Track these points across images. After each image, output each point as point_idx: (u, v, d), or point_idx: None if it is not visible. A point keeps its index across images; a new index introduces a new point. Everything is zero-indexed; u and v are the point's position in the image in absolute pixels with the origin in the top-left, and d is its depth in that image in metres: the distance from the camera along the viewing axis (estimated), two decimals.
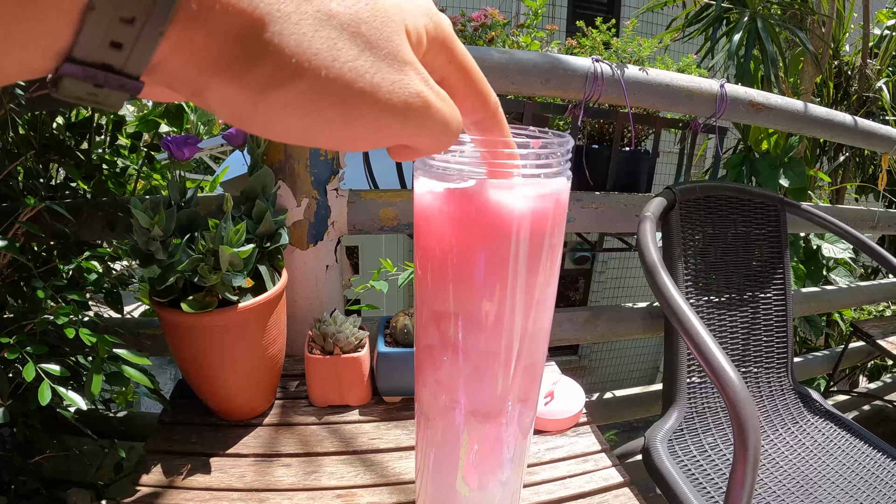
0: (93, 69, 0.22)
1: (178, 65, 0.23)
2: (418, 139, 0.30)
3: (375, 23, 0.26)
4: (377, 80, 0.26)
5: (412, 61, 0.28)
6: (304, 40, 0.24)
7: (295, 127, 0.26)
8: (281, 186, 1.14)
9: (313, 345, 1.04)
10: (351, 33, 0.25)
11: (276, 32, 0.23)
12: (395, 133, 0.28)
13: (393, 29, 0.27)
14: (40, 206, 1.05)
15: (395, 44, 0.27)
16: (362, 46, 0.26)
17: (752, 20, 2.29)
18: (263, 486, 0.89)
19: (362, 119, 0.27)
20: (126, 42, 0.21)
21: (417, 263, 0.56)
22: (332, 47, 0.24)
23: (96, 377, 0.92)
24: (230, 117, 0.26)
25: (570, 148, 0.51)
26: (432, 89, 0.29)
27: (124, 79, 0.22)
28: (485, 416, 0.59)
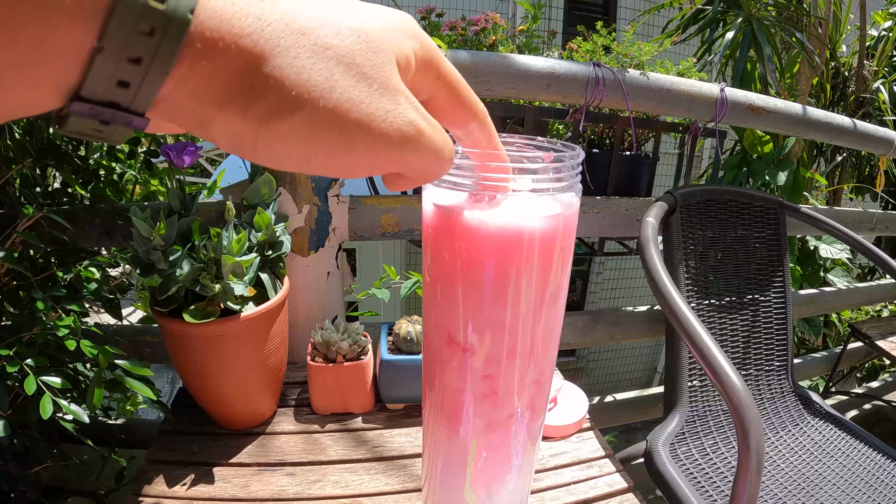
0: (100, 107, 0.22)
1: (183, 99, 0.24)
2: (412, 167, 0.31)
3: (368, 54, 0.27)
4: (372, 109, 0.27)
5: (403, 90, 0.29)
6: (303, 73, 0.25)
7: (295, 156, 0.27)
8: (282, 193, 1.14)
9: (315, 352, 1.03)
10: (346, 65, 0.26)
11: (277, 66, 0.24)
12: (390, 161, 0.29)
13: (384, 59, 0.28)
14: (38, 214, 1.04)
15: (387, 73, 0.28)
16: (357, 77, 0.27)
17: (747, 22, 2.30)
18: (267, 495, 0.88)
19: (359, 147, 0.27)
20: (133, 81, 0.22)
21: (426, 271, 0.56)
22: (329, 78, 0.25)
23: (97, 389, 0.91)
24: (232, 147, 0.26)
25: (580, 161, 0.51)
26: (424, 118, 0.30)
27: (131, 115, 0.23)
28: (494, 423, 0.59)
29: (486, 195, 0.48)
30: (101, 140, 0.24)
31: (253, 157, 0.27)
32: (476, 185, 0.47)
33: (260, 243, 0.98)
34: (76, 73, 0.21)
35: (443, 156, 0.32)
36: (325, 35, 0.26)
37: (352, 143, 0.27)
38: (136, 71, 0.21)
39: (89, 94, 0.22)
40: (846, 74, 3.25)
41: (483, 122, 0.39)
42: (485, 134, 0.40)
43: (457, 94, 0.36)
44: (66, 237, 1.14)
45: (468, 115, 0.37)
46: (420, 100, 0.34)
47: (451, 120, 0.37)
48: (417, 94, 0.34)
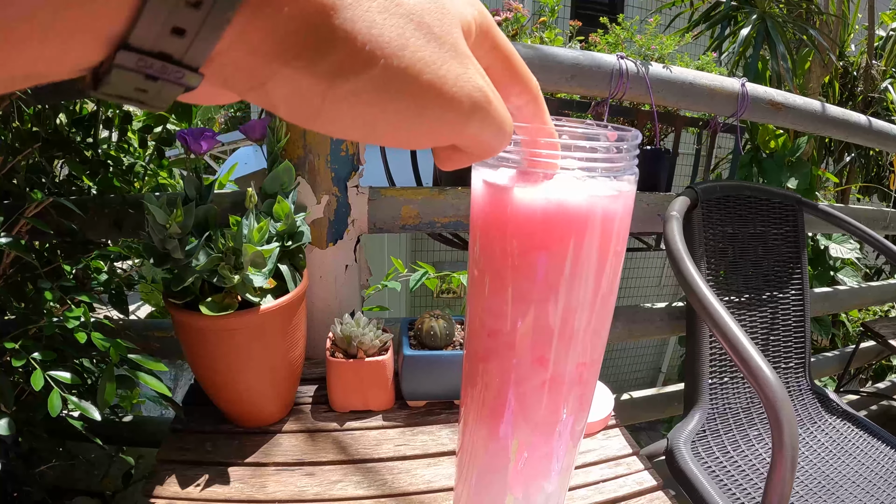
0: (149, 58, 0.19)
1: (242, 54, 0.21)
2: (474, 139, 0.29)
3: (437, 13, 0.25)
4: (443, 71, 0.25)
5: (470, 55, 0.27)
6: (374, 27, 0.22)
7: (362, 120, 0.25)
8: (300, 183, 1.10)
9: (335, 347, 1.00)
10: (417, 23, 0.24)
11: (348, 19, 0.22)
12: (455, 130, 0.27)
13: (451, 21, 0.26)
14: (47, 200, 1.00)
15: (455, 36, 0.26)
16: (428, 37, 0.25)
17: (760, 19, 2.28)
18: (287, 496, 0.85)
19: (428, 112, 0.26)
20: (189, 28, 0.19)
21: (474, 261, 0.53)
22: (402, 35, 0.23)
23: (109, 385, 0.88)
24: (294, 110, 0.24)
25: (638, 142, 0.48)
26: (490, 86, 0.28)
27: (183, 70, 0.20)
28: (537, 422, 0.56)
29: (542, 173, 0.45)
30: (141, 105, 0.21)
31: (315, 121, 0.24)
32: (528, 162, 0.44)
33: (279, 233, 0.94)
34: (125, 15, 0.18)
35: (505, 129, 0.30)
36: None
37: (422, 106, 0.25)
38: (194, 16, 0.19)
39: (138, 43, 0.19)
40: (854, 74, 3.23)
41: (535, 96, 0.37)
42: (537, 109, 0.38)
43: (511, 66, 0.34)
44: (74, 226, 1.10)
45: (521, 88, 0.36)
46: None
47: (505, 92, 0.35)
48: None
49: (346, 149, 1.12)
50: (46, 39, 0.18)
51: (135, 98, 0.21)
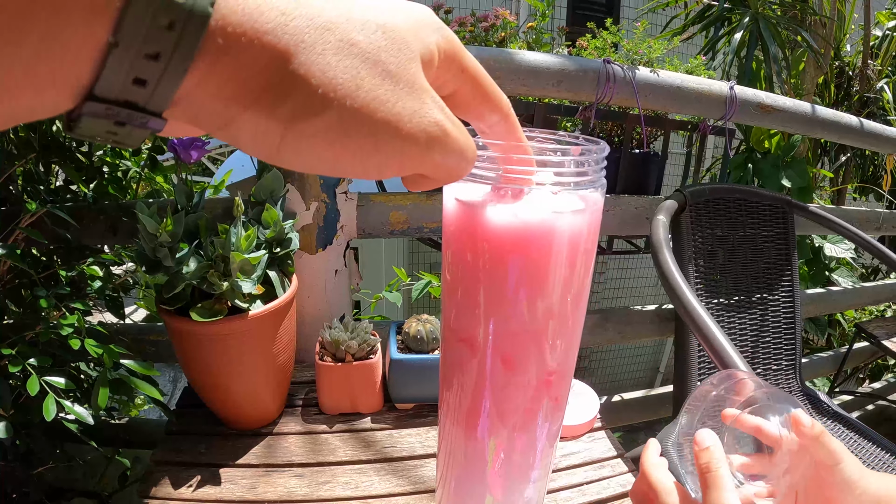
0: (115, 107, 0.21)
1: (205, 98, 0.22)
2: (436, 168, 0.30)
3: (393, 50, 0.26)
4: (398, 108, 0.26)
5: (428, 89, 0.28)
6: (328, 70, 0.24)
7: (322, 158, 0.26)
8: (290, 190, 1.12)
9: (324, 351, 1.02)
10: (372, 62, 0.25)
11: (303, 63, 0.23)
12: (417, 162, 0.28)
13: (409, 56, 0.27)
14: (42, 211, 1.02)
15: (413, 71, 0.27)
16: (383, 75, 0.26)
17: (753, 20, 2.29)
18: (276, 497, 0.87)
19: (386, 148, 0.26)
20: (150, 78, 0.21)
21: (446, 269, 0.54)
22: (356, 76, 0.24)
23: (103, 390, 0.90)
24: (257, 149, 0.25)
25: (605, 155, 0.49)
26: (448, 118, 0.29)
27: (147, 116, 0.22)
28: (512, 424, 0.57)
29: (510, 189, 0.47)
30: (115, 144, 0.23)
31: (278, 158, 0.26)
32: (499, 178, 0.46)
33: (268, 240, 0.96)
34: (89, 70, 0.20)
35: (466, 156, 0.31)
36: (350, 30, 0.24)
37: (378, 143, 0.26)
38: (153, 68, 0.20)
39: (104, 93, 0.20)
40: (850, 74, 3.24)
41: (507, 115, 0.38)
42: (508, 127, 0.39)
43: (480, 88, 0.35)
44: (69, 234, 1.13)
45: (492, 108, 0.37)
46: (444, 94, 0.34)
47: (474, 113, 0.36)
48: (441, 88, 0.33)
49: None
50: (23, 91, 0.19)
51: (107, 139, 0.22)
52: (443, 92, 0.33)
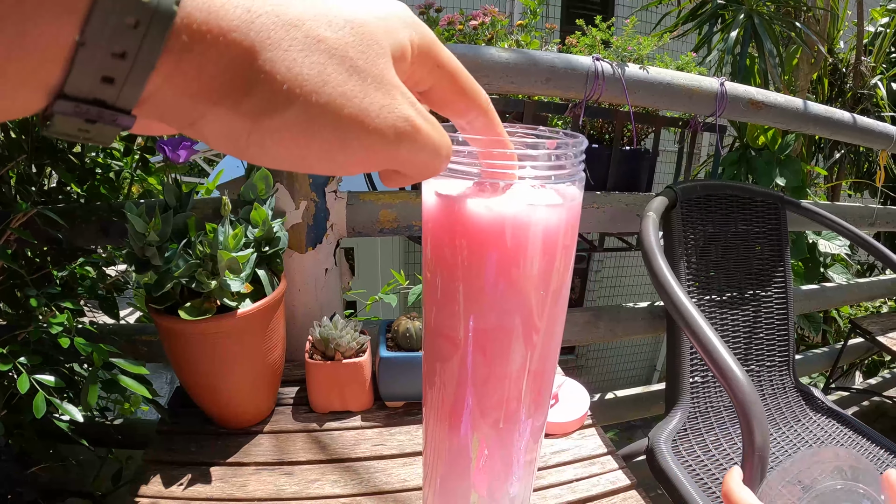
0: (85, 105, 0.21)
1: (172, 96, 0.23)
2: (407, 164, 0.30)
3: (362, 46, 0.26)
4: (366, 104, 0.26)
5: (398, 84, 0.28)
6: (294, 66, 0.24)
7: (289, 153, 0.26)
8: (279, 189, 1.13)
9: (314, 350, 1.02)
10: (339, 58, 0.25)
11: (268, 59, 0.23)
12: (385, 157, 0.28)
13: (378, 52, 0.27)
14: (32, 211, 1.03)
15: (382, 67, 0.27)
16: (350, 71, 0.26)
17: (748, 17, 2.29)
18: (266, 495, 0.87)
19: (353, 143, 0.27)
20: (118, 77, 0.21)
21: (426, 266, 0.55)
22: (322, 72, 0.25)
23: (92, 388, 0.90)
24: (225, 145, 0.26)
25: (583, 149, 0.50)
26: (420, 113, 0.29)
27: (117, 113, 0.22)
28: (495, 420, 0.58)
29: (488, 183, 0.47)
30: (87, 141, 0.23)
31: (246, 154, 0.26)
32: (480, 173, 0.46)
33: (257, 239, 0.96)
34: (59, 69, 0.20)
35: (440, 153, 0.31)
36: (317, 27, 0.25)
37: (345, 139, 0.26)
38: (120, 66, 0.21)
39: (73, 92, 0.21)
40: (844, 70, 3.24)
41: (485, 110, 0.38)
42: (488, 122, 0.39)
43: (457, 83, 0.35)
44: (60, 235, 1.13)
45: (470, 104, 0.37)
46: (420, 90, 0.34)
47: (452, 109, 0.36)
48: (417, 85, 0.33)
49: None
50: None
51: (80, 137, 0.23)
52: (419, 88, 0.34)
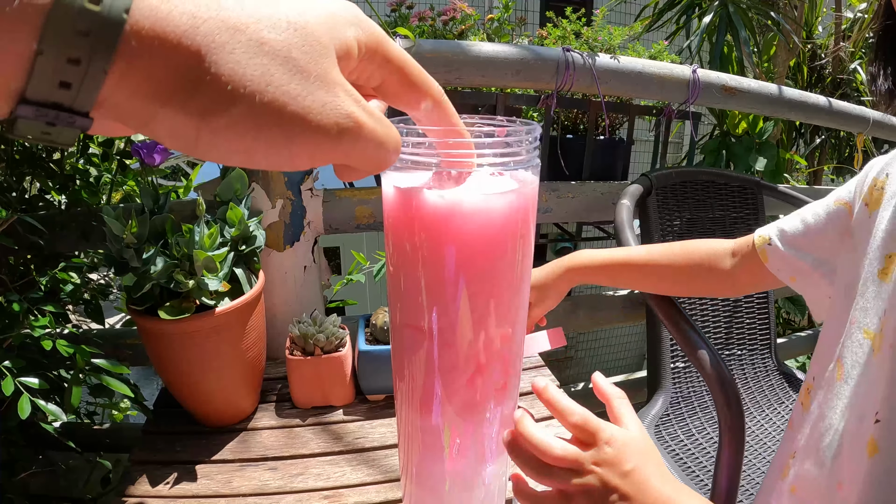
0: (45, 109, 0.23)
1: (125, 98, 0.24)
2: (353, 157, 0.31)
3: (305, 47, 0.28)
4: (308, 102, 0.28)
5: (342, 82, 0.29)
6: (238, 68, 0.25)
7: (236, 149, 0.27)
8: (255, 188, 1.14)
9: (294, 346, 1.03)
10: (283, 59, 0.27)
11: (213, 62, 0.25)
12: (330, 152, 0.30)
13: (321, 52, 0.28)
14: (13, 218, 1.04)
15: (324, 66, 0.28)
16: (294, 71, 0.27)
17: (722, 5, 2.31)
18: (250, 490, 0.88)
19: (298, 140, 0.28)
20: (74, 81, 0.23)
21: (389, 260, 0.56)
22: (265, 73, 0.26)
23: (76, 389, 0.91)
24: (177, 143, 0.27)
25: (537, 135, 0.51)
26: (364, 109, 0.30)
27: (75, 116, 0.24)
28: (464, 409, 0.59)
29: (446, 173, 0.48)
30: (49, 143, 0.25)
31: (196, 151, 0.27)
32: (437, 164, 0.47)
33: (233, 238, 0.97)
34: (21, 75, 0.22)
35: (386, 147, 0.32)
36: (260, 30, 0.26)
37: (290, 135, 0.28)
38: (76, 71, 0.22)
39: (34, 97, 0.23)
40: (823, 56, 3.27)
41: (438, 100, 0.39)
42: (441, 113, 0.40)
43: (406, 76, 0.36)
44: (42, 241, 1.14)
45: (421, 96, 0.38)
46: (371, 86, 0.35)
47: (404, 101, 0.38)
48: (368, 81, 0.34)
49: None
50: None
51: (42, 139, 0.24)
52: (370, 83, 0.35)
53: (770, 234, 0.88)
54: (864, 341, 0.68)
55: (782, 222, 0.88)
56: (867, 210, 0.73)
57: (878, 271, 0.68)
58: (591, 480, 0.55)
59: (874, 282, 0.68)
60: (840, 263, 0.78)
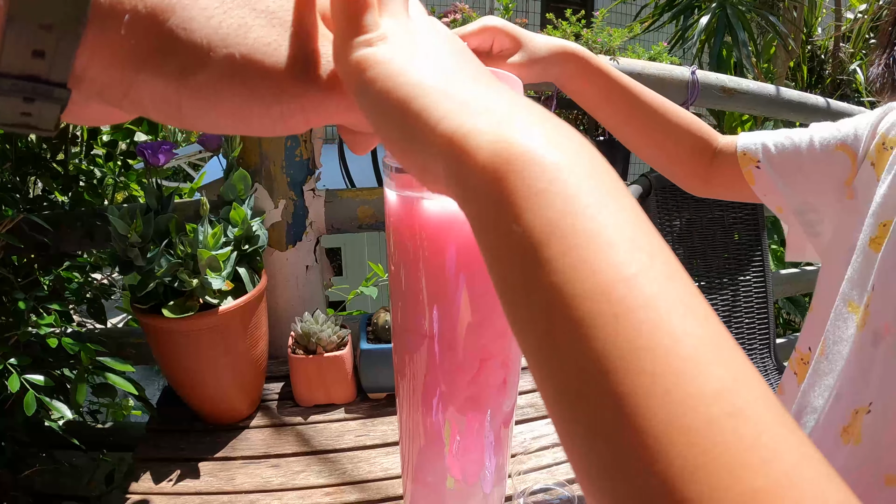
0: (20, 81, 0.22)
1: (101, 67, 0.24)
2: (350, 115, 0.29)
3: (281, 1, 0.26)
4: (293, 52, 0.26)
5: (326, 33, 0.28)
6: (212, 20, 0.24)
7: (223, 111, 0.26)
8: (258, 189, 1.15)
9: (296, 345, 1.04)
10: (259, 10, 0.26)
11: (186, 18, 0.24)
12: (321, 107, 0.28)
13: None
14: (19, 217, 1.05)
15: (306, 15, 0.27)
16: (274, 22, 0.26)
17: (721, 7, 2.32)
18: (253, 487, 0.89)
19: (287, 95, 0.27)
20: (48, 48, 0.22)
21: (391, 261, 0.56)
22: (243, 24, 0.25)
23: (81, 386, 0.92)
24: (163, 113, 0.26)
25: None
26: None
27: (52, 87, 0.23)
28: (464, 406, 0.59)
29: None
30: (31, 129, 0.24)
31: (182, 119, 0.26)
32: None
33: (236, 238, 0.99)
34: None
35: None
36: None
37: (278, 88, 0.26)
38: (49, 38, 0.21)
39: (7, 68, 0.22)
40: (822, 57, 3.27)
41: None
42: None
43: None
44: (47, 240, 1.15)
45: None
46: None
47: None
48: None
49: (300, 154, 1.16)
50: None
51: (22, 123, 0.24)
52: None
53: (758, 154, 0.78)
54: (849, 315, 0.65)
55: (769, 139, 0.78)
56: (874, 172, 0.67)
57: (869, 240, 0.64)
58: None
59: (863, 251, 0.65)
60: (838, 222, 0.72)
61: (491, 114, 0.24)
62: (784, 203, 0.77)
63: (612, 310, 0.19)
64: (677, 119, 0.83)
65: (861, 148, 0.69)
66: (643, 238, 0.21)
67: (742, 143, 0.80)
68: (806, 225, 0.76)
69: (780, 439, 0.17)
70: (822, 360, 0.68)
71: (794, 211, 0.76)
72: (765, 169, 0.77)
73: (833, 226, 0.73)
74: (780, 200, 0.77)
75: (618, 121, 0.84)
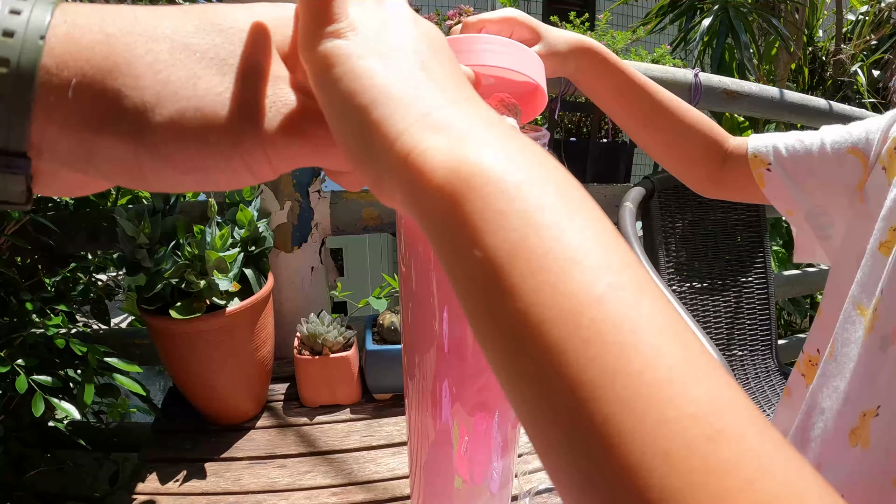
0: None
1: (59, 133, 0.23)
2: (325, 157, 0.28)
3: (232, 47, 0.26)
4: (246, 97, 0.26)
5: (285, 75, 0.27)
6: (160, 77, 0.24)
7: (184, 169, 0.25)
8: (263, 190, 1.15)
9: (302, 346, 1.05)
10: (209, 60, 0.25)
11: (133, 76, 0.23)
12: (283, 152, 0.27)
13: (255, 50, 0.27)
14: (25, 218, 1.05)
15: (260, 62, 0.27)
16: (225, 71, 0.25)
17: (723, 10, 2.32)
18: (259, 488, 0.89)
19: (244, 145, 0.26)
20: (0, 120, 0.22)
21: (401, 259, 0.57)
22: (192, 76, 0.24)
23: (88, 386, 0.93)
24: (125, 176, 0.25)
25: (545, 142, 0.52)
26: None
27: (11, 157, 0.22)
28: (473, 407, 0.60)
29: None
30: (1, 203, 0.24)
31: (146, 180, 0.25)
32: None
33: (243, 239, 0.99)
34: None
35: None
36: (183, 37, 0.25)
37: (236, 140, 0.25)
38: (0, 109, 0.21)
39: None
40: (823, 59, 3.27)
41: None
42: None
43: None
44: (52, 242, 1.15)
45: None
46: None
47: None
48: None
49: None
50: None
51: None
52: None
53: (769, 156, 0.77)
54: (858, 318, 0.64)
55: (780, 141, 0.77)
56: (885, 176, 0.66)
57: (879, 244, 0.64)
58: None
59: (873, 254, 0.64)
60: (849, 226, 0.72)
61: (450, 130, 0.23)
62: (795, 206, 0.76)
63: (580, 334, 0.19)
64: (691, 120, 0.82)
65: (872, 152, 0.69)
66: (610, 255, 0.20)
67: (753, 145, 0.79)
68: (817, 228, 0.76)
69: (764, 458, 0.17)
70: (830, 362, 0.67)
71: (804, 214, 0.76)
72: (776, 172, 0.76)
73: (844, 229, 0.73)
74: (791, 204, 0.77)
75: (632, 120, 0.83)
